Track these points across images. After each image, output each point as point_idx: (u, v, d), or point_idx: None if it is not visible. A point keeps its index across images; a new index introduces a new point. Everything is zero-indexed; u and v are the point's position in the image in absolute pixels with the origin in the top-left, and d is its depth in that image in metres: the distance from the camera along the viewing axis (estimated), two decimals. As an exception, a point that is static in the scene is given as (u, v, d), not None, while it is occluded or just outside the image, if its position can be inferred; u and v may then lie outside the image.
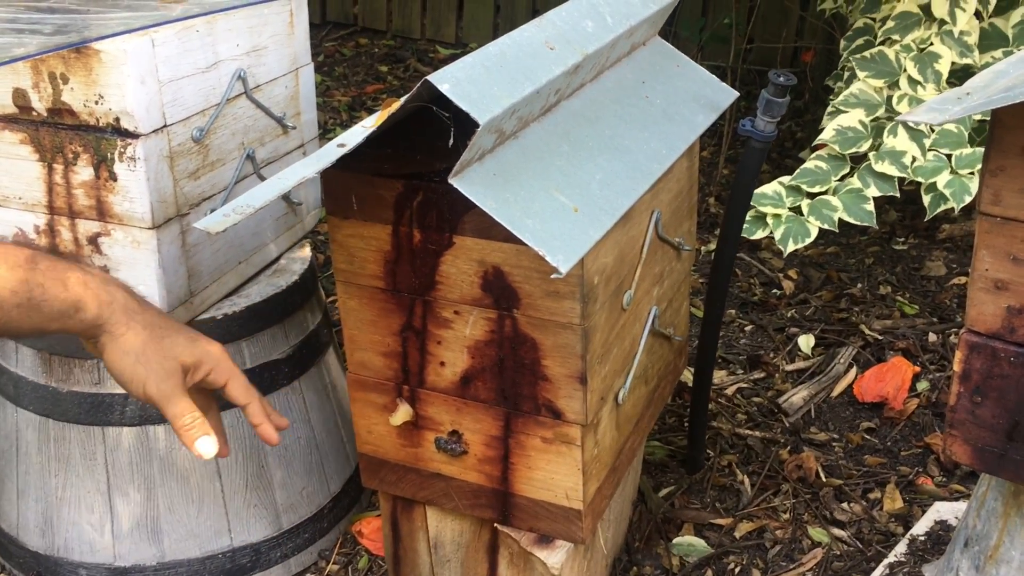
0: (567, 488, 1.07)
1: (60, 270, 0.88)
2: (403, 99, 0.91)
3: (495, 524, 1.14)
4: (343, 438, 1.45)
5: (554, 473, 1.07)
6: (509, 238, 0.96)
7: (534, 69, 0.92)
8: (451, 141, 0.90)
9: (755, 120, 1.16)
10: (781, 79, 1.11)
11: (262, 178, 1.32)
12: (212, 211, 1.25)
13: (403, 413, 1.11)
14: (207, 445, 0.91)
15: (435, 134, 1.03)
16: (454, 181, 0.85)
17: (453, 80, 0.83)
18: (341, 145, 1.07)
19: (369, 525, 1.43)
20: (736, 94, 1.24)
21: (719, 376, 1.78)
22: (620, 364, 1.11)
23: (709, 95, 1.20)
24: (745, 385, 1.77)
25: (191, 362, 0.93)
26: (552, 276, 0.86)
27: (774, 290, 2.08)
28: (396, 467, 1.16)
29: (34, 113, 1.13)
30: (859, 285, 2.06)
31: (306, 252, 1.44)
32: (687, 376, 1.70)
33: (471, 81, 0.85)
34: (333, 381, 1.45)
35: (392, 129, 1.03)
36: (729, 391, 1.75)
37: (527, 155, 0.93)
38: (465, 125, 0.87)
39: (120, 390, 1.23)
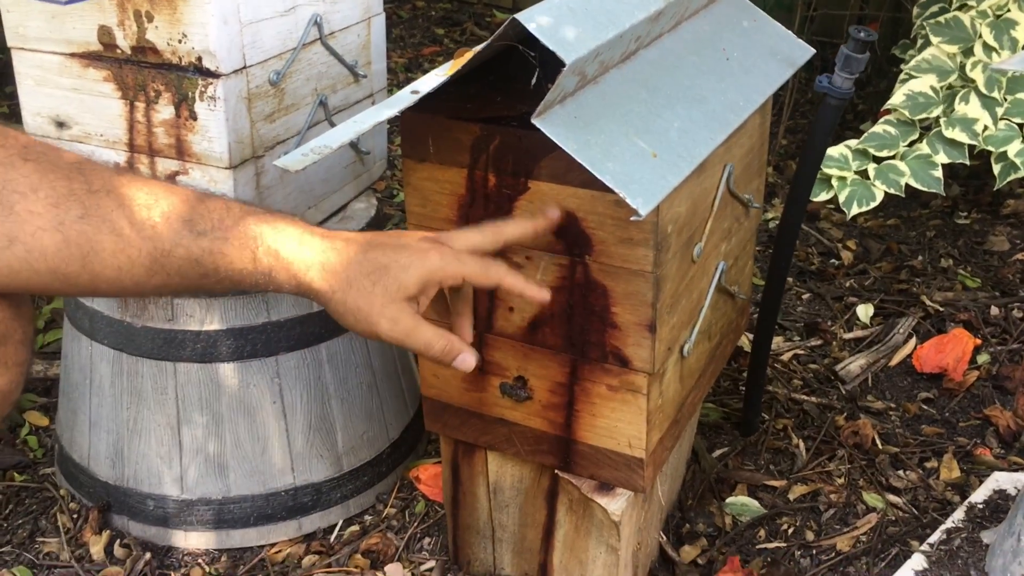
0: (630, 436, 1.08)
1: (249, 237, 0.84)
2: (489, 39, 0.92)
3: (556, 471, 1.15)
4: (403, 385, 1.47)
5: (618, 421, 1.08)
6: (585, 183, 0.97)
7: (617, 14, 0.92)
8: (534, 81, 0.90)
9: (832, 76, 1.15)
10: (862, 34, 1.10)
11: (333, 125, 1.34)
12: (286, 153, 1.27)
13: (469, 358, 1.12)
14: (465, 362, 0.90)
15: (514, 76, 1.04)
16: (536, 121, 0.86)
17: (540, 20, 0.84)
18: (415, 92, 1.09)
19: (426, 471, 1.45)
20: (812, 51, 1.22)
21: (775, 342, 1.78)
22: (687, 316, 1.11)
23: (785, 50, 1.19)
24: (802, 352, 1.76)
25: (414, 293, 0.87)
26: (631, 219, 0.86)
27: (832, 260, 2.06)
28: (459, 411, 1.18)
29: (118, 51, 1.16)
30: (920, 257, 2.04)
31: (372, 201, 1.46)
32: (743, 341, 1.69)
33: (558, 21, 0.85)
34: (395, 329, 1.46)
35: (470, 73, 1.04)
36: (785, 357, 1.75)
37: (607, 100, 0.93)
38: (549, 66, 0.87)
39: (192, 327, 1.27)
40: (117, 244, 0.81)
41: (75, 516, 1.38)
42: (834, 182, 1.55)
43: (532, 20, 0.83)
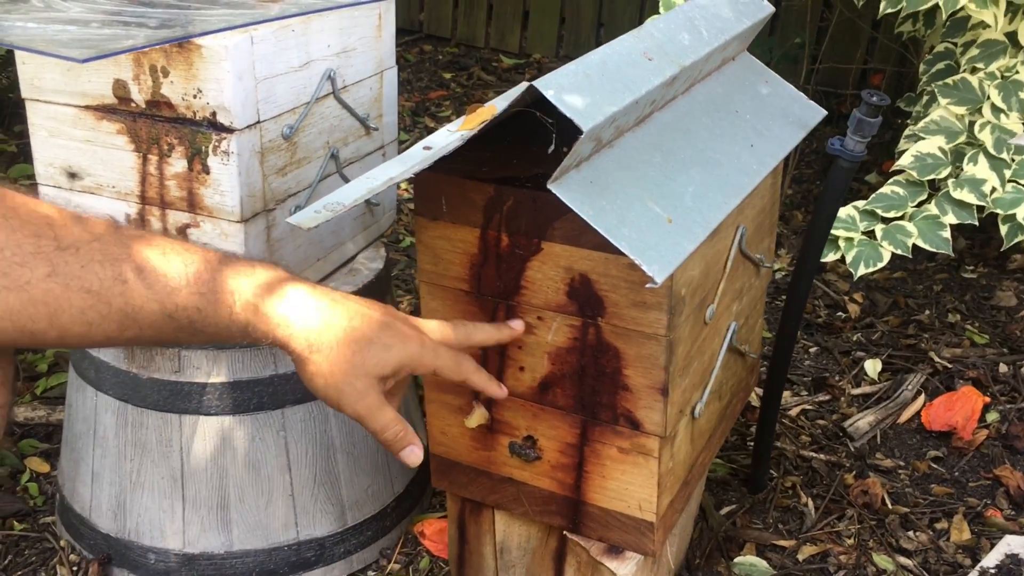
0: (641, 499, 1.07)
1: (226, 291, 0.82)
2: (502, 103, 0.92)
3: (564, 532, 1.14)
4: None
5: (629, 484, 1.06)
6: (598, 246, 0.97)
7: (633, 79, 0.93)
8: (552, 147, 0.90)
9: (844, 140, 1.16)
10: (874, 99, 1.11)
11: (344, 177, 1.34)
12: (297, 207, 1.27)
13: (478, 416, 1.11)
14: (413, 455, 0.90)
15: (528, 139, 1.04)
16: (553, 187, 0.86)
17: (558, 86, 0.84)
18: (427, 148, 1.09)
19: (431, 526, 1.44)
20: (824, 112, 1.23)
21: (783, 396, 1.77)
22: (699, 378, 1.11)
23: (797, 112, 1.20)
24: (810, 407, 1.75)
25: (388, 373, 0.87)
26: (647, 286, 0.86)
27: (839, 313, 2.06)
28: (467, 469, 1.17)
29: (133, 104, 1.16)
30: (927, 312, 2.03)
31: (381, 252, 1.46)
32: (751, 396, 1.68)
33: (575, 88, 0.85)
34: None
35: (483, 132, 1.04)
36: (793, 412, 1.73)
37: (622, 164, 0.93)
38: (565, 132, 0.87)
39: (198, 379, 1.26)
40: (86, 301, 0.79)
41: (75, 568, 1.36)
42: (841, 243, 1.55)
43: (550, 87, 0.83)
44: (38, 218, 0.81)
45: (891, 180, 1.69)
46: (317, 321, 0.84)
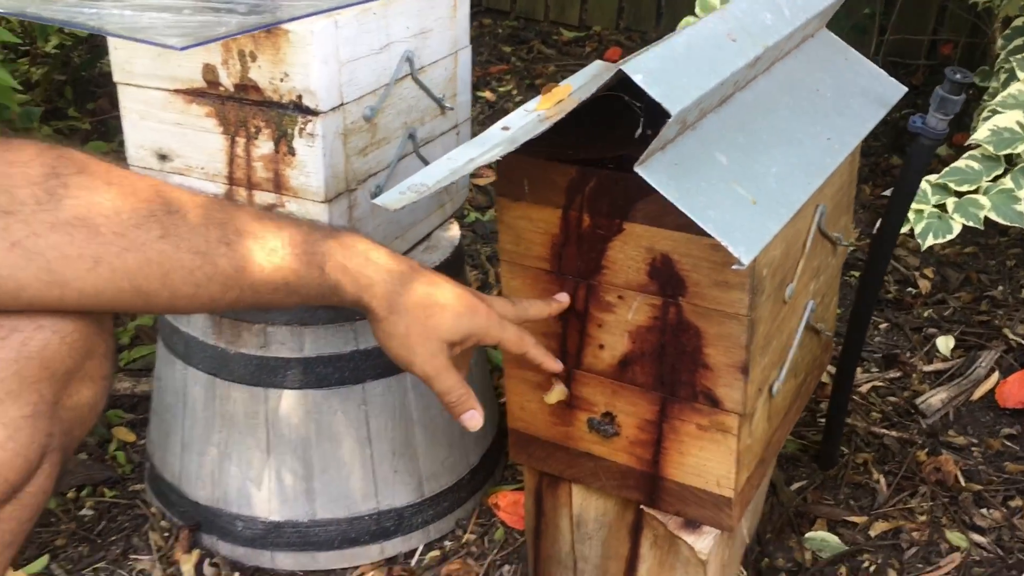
0: (719, 476, 1.08)
1: (318, 253, 0.89)
2: (578, 81, 0.94)
3: (641, 506, 1.16)
4: (485, 405, 1.49)
5: (707, 460, 1.08)
6: (681, 226, 0.98)
7: (718, 61, 0.93)
8: (639, 131, 0.91)
9: (926, 117, 1.15)
10: (958, 76, 1.09)
11: (421, 157, 1.36)
12: (377, 187, 1.30)
13: (558, 392, 1.14)
14: (473, 419, 0.96)
15: (611, 121, 1.05)
16: (639, 170, 0.87)
17: (646, 70, 0.85)
18: (505, 128, 1.11)
19: (505, 498, 1.47)
20: (904, 89, 1.22)
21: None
22: (777, 356, 1.11)
23: (878, 89, 1.19)
24: (881, 384, 1.74)
25: (457, 339, 0.95)
26: (733, 267, 0.87)
27: (909, 288, 2.04)
28: (545, 444, 1.19)
29: (221, 88, 1.19)
30: (1000, 287, 2.01)
31: (455, 229, 1.48)
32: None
33: (662, 72, 0.86)
34: (478, 352, 1.48)
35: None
36: (864, 388, 1.73)
37: (706, 145, 0.94)
38: (651, 115, 0.88)
39: (283, 354, 1.30)
40: (194, 261, 0.85)
41: (166, 534, 1.42)
42: (911, 215, 1.53)
43: (638, 71, 0.84)
44: (146, 185, 0.86)
45: (966, 154, 1.66)
46: (397, 285, 0.92)
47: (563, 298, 1.07)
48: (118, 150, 2.66)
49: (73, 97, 2.78)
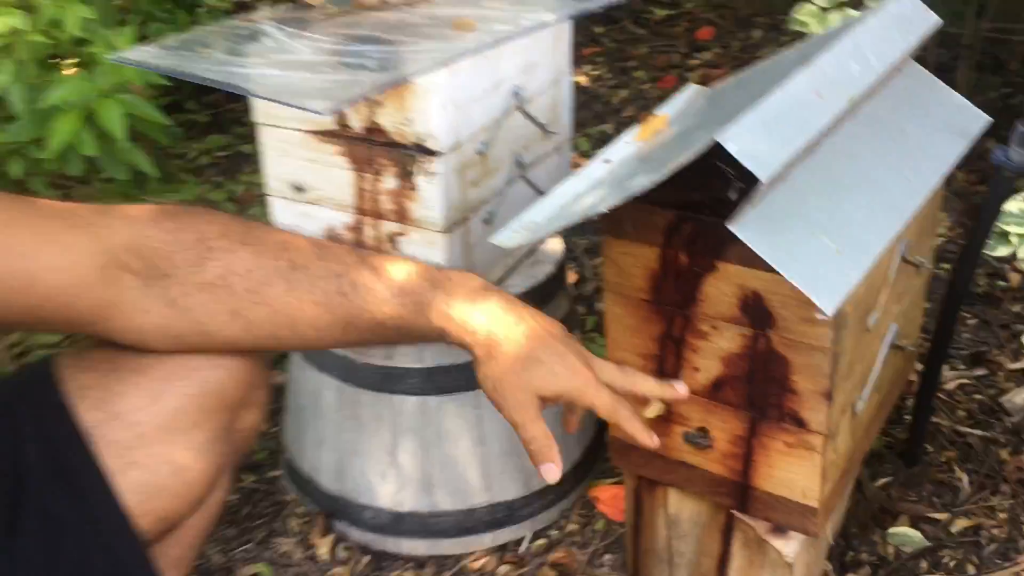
0: (804, 488, 1.19)
1: (424, 303, 0.98)
2: (672, 109, 1.03)
3: (732, 511, 1.27)
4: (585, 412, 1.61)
5: (794, 474, 1.19)
6: (771, 268, 1.07)
7: (806, 120, 1.02)
8: (732, 194, 1.01)
9: (1008, 151, 1.21)
10: (1040, 116, 1.15)
11: (528, 181, 1.48)
12: (489, 213, 1.42)
13: (656, 408, 1.25)
14: (551, 472, 0.98)
15: (707, 171, 1.15)
16: (732, 226, 0.97)
17: (738, 140, 0.95)
18: (607, 161, 1.22)
19: (604, 492, 1.60)
20: (988, 119, 1.28)
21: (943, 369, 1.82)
22: (860, 378, 1.21)
23: (961, 123, 1.25)
24: (967, 381, 1.80)
25: (549, 395, 0.98)
26: (818, 316, 0.97)
27: (1000, 282, 2.07)
28: (644, 452, 1.31)
29: (351, 131, 1.33)
30: (1093, 282, 2.03)
31: (560, 243, 1.60)
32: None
33: (753, 140, 0.96)
34: (578, 361, 1.61)
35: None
36: (950, 386, 1.79)
37: (793, 197, 1.03)
38: (745, 175, 0.98)
39: (406, 364, 1.44)
40: (316, 311, 0.99)
41: (304, 520, 1.59)
42: (1013, 239, 1.58)
43: (730, 141, 0.94)
44: (275, 242, 1.01)
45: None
46: (499, 334, 0.97)
47: (682, 389, 1.11)
48: (235, 143, 2.83)
49: (192, 90, 2.96)
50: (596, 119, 2.89)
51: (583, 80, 3.21)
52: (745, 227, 0.97)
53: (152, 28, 1.82)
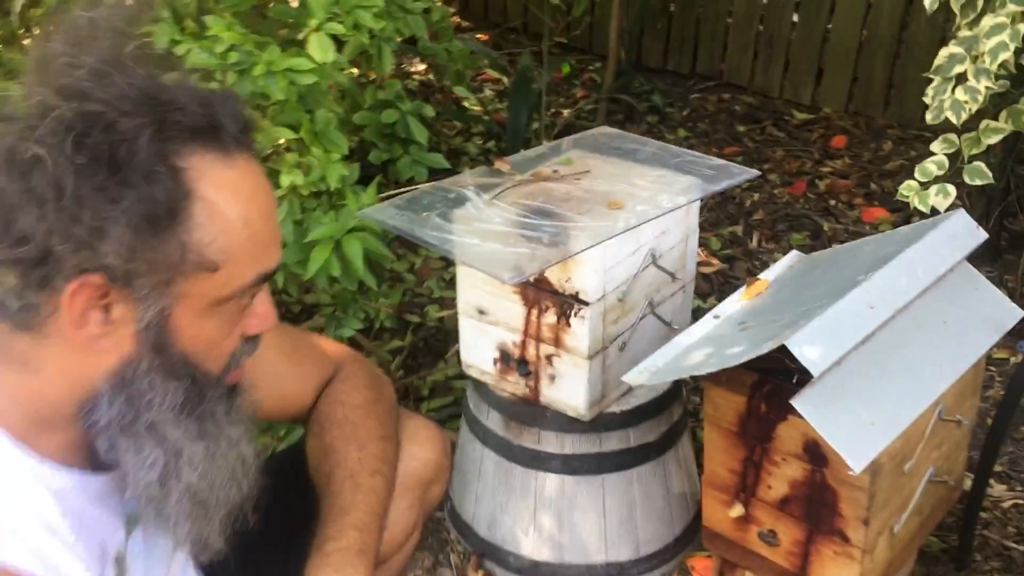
0: (846, 586, 1.57)
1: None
2: (771, 274, 1.44)
3: (792, 595, 1.66)
4: (687, 496, 2.02)
5: (838, 574, 1.56)
6: (826, 425, 1.47)
7: (857, 327, 1.41)
8: (795, 379, 1.41)
9: (1031, 343, 1.55)
10: (1053, 324, 1.50)
11: (656, 315, 1.90)
12: (623, 342, 1.85)
13: (738, 510, 1.65)
14: None
15: (782, 352, 1.55)
16: (795, 403, 1.37)
17: (800, 345, 1.35)
18: (716, 316, 1.63)
19: (699, 563, 2.00)
20: (1022, 314, 1.62)
21: (999, 490, 2.14)
22: (897, 507, 1.58)
23: (998, 317, 1.60)
24: (1021, 502, 2.11)
25: None
26: (849, 472, 1.36)
27: (1072, 412, 2.35)
28: (727, 540, 1.71)
29: (525, 280, 1.78)
30: None
31: (677, 361, 2.01)
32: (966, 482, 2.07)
33: (812, 345, 1.36)
34: (685, 456, 2.02)
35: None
36: (1006, 504, 2.11)
37: (844, 379, 1.42)
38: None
39: (549, 450, 1.89)
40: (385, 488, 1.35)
41: (461, 556, 2.06)
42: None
43: (795, 346, 1.34)
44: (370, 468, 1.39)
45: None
46: None
47: None
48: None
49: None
50: (728, 220, 3.28)
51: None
52: (804, 403, 1.37)
53: (372, 154, 2.34)
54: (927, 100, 2.07)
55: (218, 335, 0.99)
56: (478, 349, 1.92)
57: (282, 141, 1.80)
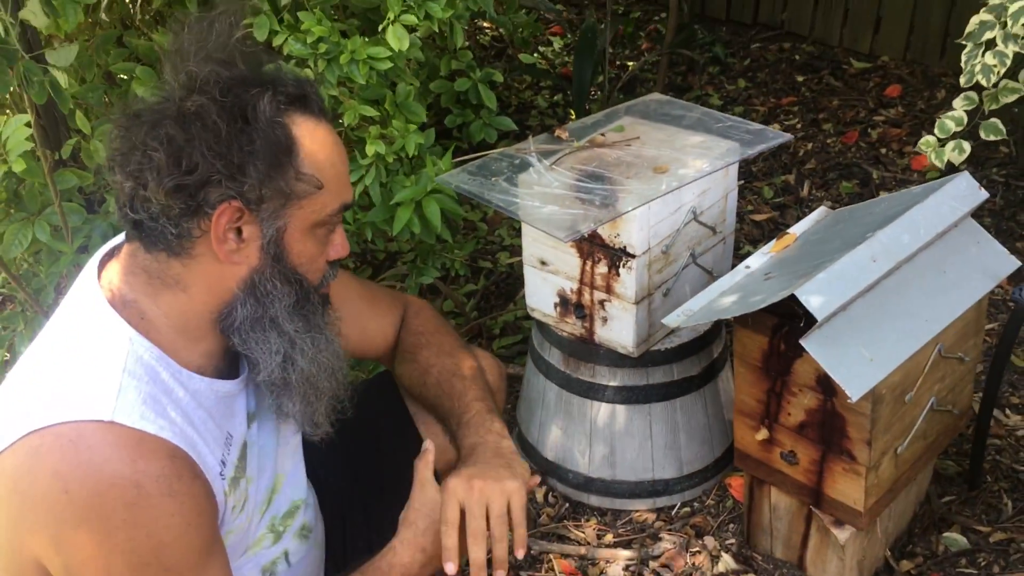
0: (854, 498, 1.83)
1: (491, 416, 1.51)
2: (800, 228, 1.69)
3: (810, 507, 1.93)
4: (725, 423, 2.30)
5: (848, 488, 1.83)
6: (834, 361, 1.72)
7: (860, 279, 1.65)
8: (802, 322, 1.66)
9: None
10: (1040, 273, 1.71)
11: (699, 265, 2.16)
12: (667, 289, 2.11)
13: (763, 433, 1.92)
14: (449, 569, 1.34)
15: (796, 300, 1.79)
16: (804, 343, 1.63)
17: (808, 294, 1.60)
18: (748, 267, 1.89)
19: (735, 481, 2.28)
20: (1018, 263, 1.83)
21: (1015, 419, 2.36)
22: (900, 432, 1.82)
23: (995, 266, 1.82)
24: (1034, 431, 2.33)
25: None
26: (847, 400, 1.61)
27: (1094, 350, 2.53)
28: (755, 460, 1.98)
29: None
30: None
31: (718, 304, 2.27)
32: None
33: (819, 293, 1.60)
34: (725, 388, 2.29)
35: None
36: (1020, 433, 2.32)
37: (849, 323, 1.67)
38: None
39: (603, 382, 2.18)
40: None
41: (528, 474, 2.37)
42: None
43: (803, 295, 1.59)
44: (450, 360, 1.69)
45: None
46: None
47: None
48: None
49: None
50: (782, 169, 3.47)
51: (776, 128, 3.77)
52: (811, 343, 1.63)
53: (448, 118, 2.61)
54: (962, 64, 2.25)
55: (316, 251, 1.27)
56: (541, 295, 2.20)
57: (369, 115, 2.08)
